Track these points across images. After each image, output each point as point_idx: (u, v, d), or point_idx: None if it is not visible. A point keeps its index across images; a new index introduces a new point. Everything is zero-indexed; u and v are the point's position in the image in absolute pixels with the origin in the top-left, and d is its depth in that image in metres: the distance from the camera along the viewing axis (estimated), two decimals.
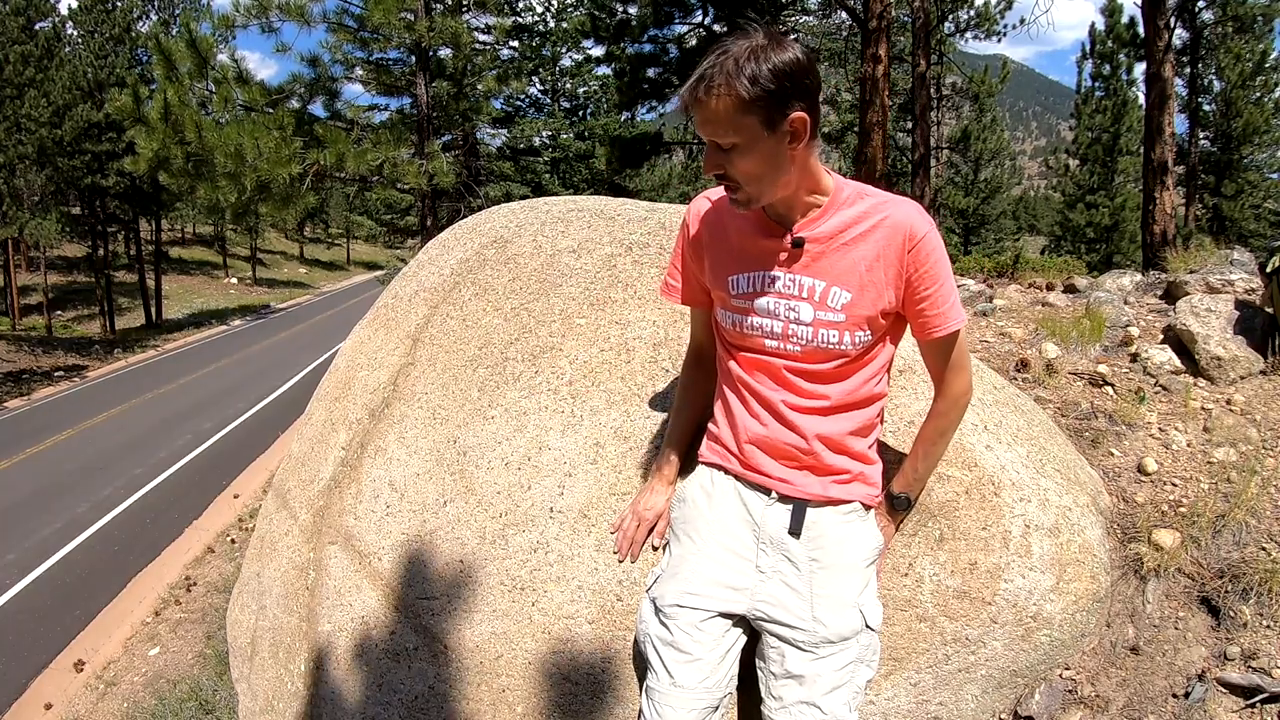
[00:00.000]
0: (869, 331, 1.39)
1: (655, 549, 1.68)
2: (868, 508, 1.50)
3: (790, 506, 1.45)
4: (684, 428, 1.68)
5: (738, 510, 1.48)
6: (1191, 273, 3.68)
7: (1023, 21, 14.65)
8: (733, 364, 1.52)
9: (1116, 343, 3.15)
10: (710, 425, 1.59)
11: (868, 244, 1.35)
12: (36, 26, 25.82)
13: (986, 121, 24.24)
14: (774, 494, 1.46)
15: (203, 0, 27.57)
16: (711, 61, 1.20)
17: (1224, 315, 2.95)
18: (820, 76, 1.28)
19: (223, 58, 9.72)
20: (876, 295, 1.36)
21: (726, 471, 1.52)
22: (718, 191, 1.45)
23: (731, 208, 1.38)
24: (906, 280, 1.36)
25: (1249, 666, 1.85)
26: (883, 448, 1.64)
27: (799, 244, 1.37)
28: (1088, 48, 21.98)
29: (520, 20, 19.75)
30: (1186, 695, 1.83)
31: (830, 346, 1.39)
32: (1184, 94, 19.89)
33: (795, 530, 1.43)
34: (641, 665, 1.54)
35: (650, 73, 15.80)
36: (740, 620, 1.45)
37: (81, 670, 7.71)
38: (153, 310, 32.26)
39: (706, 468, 1.56)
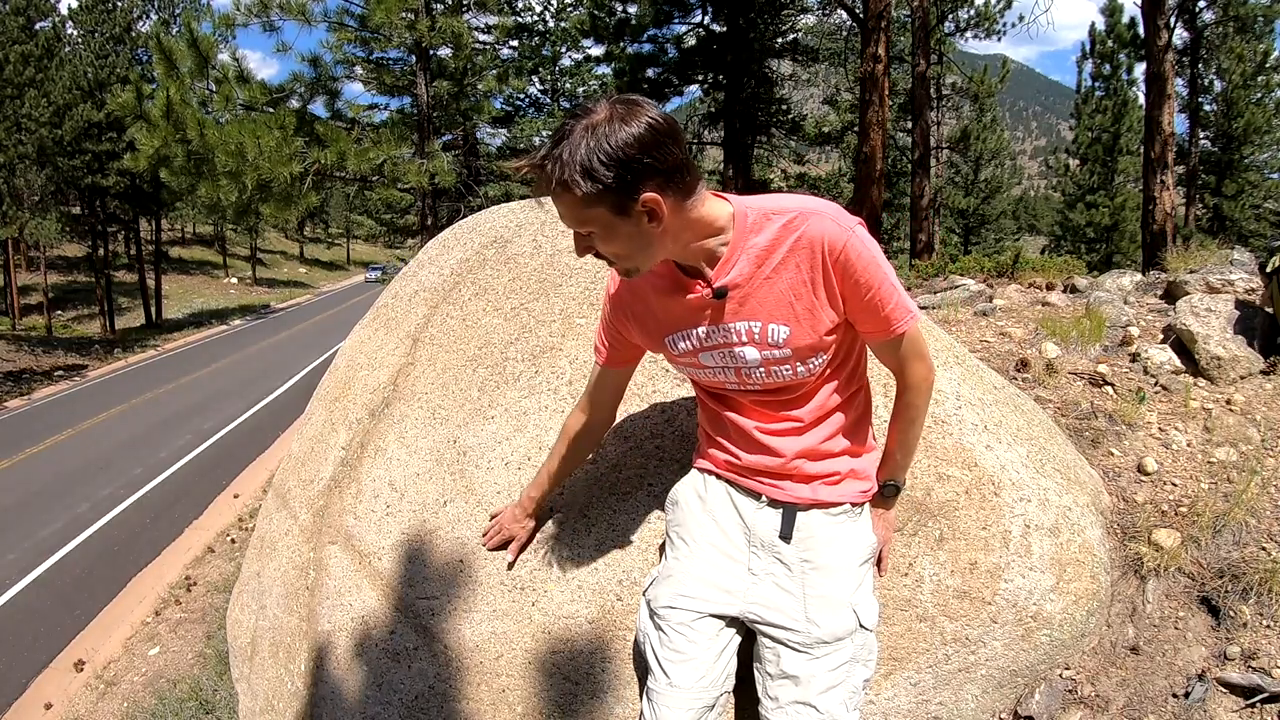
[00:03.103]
0: (821, 353, 1.34)
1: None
2: (858, 506, 1.50)
3: (780, 511, 1.45)
4: (555, 474, 1.69)
5: (729, 513, 1.48)
6: (1191, 273, 3.69)
7: (1022, 19, 14.65)
8: (703, 394, 1.52)
9: (1116, 343, 3.16)
10: (699, 434, 1.59)
11: (789, 270, 1.27)
12: (36, 26, 25.82)
13: (986, 121, 24.26)
14: (764, 498, 1.46)
15: (203, 0, 27.56)
16: (547, 151, 1.13)
17: (1224, 315, 2.95)
18: (676, 137, 1.15)
19: (224, 57, 9.74)
20: (815, 320, 1.30)
21: (718, 476, 1.52)
22: None
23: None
24: (842, 294, 1.29)
25: (1249, 666, 1.85)
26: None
27: (721, 294, 1.30)
28: (1088, 48, 22.00)
29: (520, 20, 19.74)
30: (1186, 695, 1.83)
31: (787, 380, 1.37)
32: (1184, 94, 19.90)
33: (786, 535, 1.43)
34: (642, 666, 1.54)
35: (650, 72, 15.83)
36: (734, 620, 1.45)
37: (81, 670, 7.70)
38: (153, 310, 32.27)
39: (699, 472, 1.56)
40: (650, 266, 1.28)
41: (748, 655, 1.49)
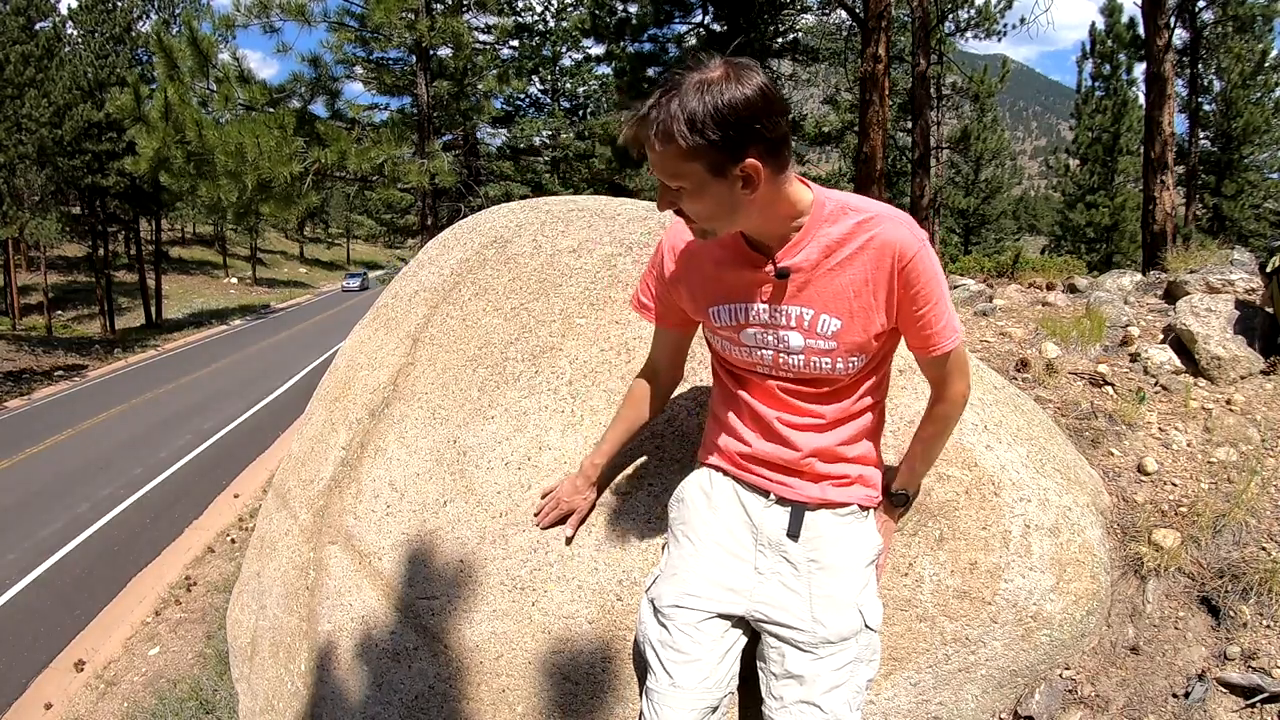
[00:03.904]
0: (863, 355, 1.35)
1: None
2: (865, 509, 1.50)
3: (789, 509, 1.44)
4: (617, 438, 1.69)
5: (736, 512, 1.48)
6: (1191, 272, 3.68)
7: (1023, 21, 14.66)
8: (726, 376, 1.51)
9: (1116, 343, 3.15)
10: (708, 426, 1.58)
11: (855, 267, 1.28)
12: (36, 26, 25.83)
13: (986, 121, 24.27)
14: (772, 496, 1.45)
15: (203, 0, 27.58)
16: (655, 100, 1.12)
17: (1224, 315, 2.95)
18: (785, 109, 1.16)
19: (224, 57, 9.74)
20: (867, 320, 1.31)
21: (725, 473, 1.51)
22: None
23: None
24: (899, 302, 1.30)
25: (1249, 666, 1.85)
26: (883, 446, 1.64)
27: (784, 275, 1.30)
28: (1088, 48, 22.03)
29: (520, 20, 19.74)
30: (1186, 695, 1.83)
31: (824, 373, 1.37)
32: (1184, 94, 19.90)
33: (794, 533, 1.43)
34: (642, 666, 1.53)
35: (650, 72, 15.80)
36: (740, 620, 1.45)
37: (81, 670, 7.71)
38: (153, 310, 32.29)
39: (705, 469, 1.55)
40: (727, 232, 1.28)
41: (750, 655, 1.49)
